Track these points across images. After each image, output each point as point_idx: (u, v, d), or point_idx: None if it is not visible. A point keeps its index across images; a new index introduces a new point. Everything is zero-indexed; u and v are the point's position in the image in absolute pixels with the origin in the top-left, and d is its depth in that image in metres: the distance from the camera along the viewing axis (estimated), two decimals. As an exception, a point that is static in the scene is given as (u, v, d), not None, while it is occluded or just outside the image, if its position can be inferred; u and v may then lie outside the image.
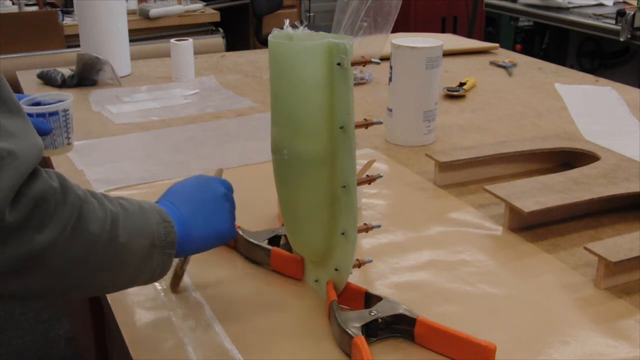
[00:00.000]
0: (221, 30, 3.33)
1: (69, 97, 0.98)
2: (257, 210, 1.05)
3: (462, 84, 1.71)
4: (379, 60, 0.79)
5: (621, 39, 2.78)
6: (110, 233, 0.63)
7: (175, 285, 0.84)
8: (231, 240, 0.86)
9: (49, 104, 0.97)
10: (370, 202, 1.09)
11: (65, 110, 0.96)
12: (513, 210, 0.99)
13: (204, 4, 3.64)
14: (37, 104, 0.96)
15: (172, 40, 1.77)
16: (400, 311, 0.76)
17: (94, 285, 0.66)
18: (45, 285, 0.60)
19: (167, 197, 0.76)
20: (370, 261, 0.87)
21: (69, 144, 0.98)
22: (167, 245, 0.70)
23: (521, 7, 3.35)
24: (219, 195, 0.79)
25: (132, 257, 0.66)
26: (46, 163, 1.17)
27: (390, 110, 1.34)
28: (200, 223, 0.76)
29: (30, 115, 0.94)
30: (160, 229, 0.69)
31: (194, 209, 0.76)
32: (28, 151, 0.57)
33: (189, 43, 1.76)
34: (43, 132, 0.96)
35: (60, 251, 0.59)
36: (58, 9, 3.18)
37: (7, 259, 0.55)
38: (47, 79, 1.69)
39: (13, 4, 3.12)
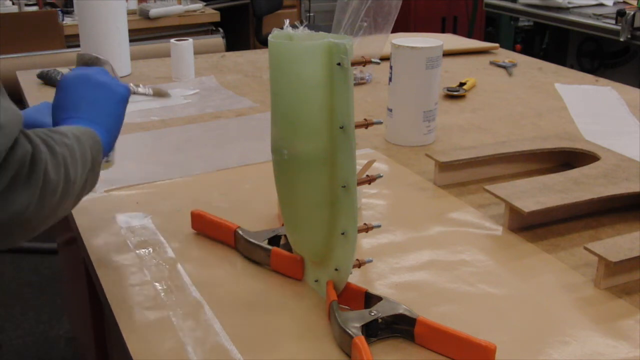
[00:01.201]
0: (221, 30, 3.34)
1: None
2: (257, 210, 1.05)
3: (462, 84, 1.71)
4: (379, 60, 0.79)
5: (621, 39, 2.78)
6: (65, 175, 0.70)
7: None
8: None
9: None
10: (370, 202, 1.09)
11: None
12: (513, 210, 0.99)
13: (204, 4, 3.64)
14: None
15: (172, 40, 1.77)
16: (400, 311, 0.76)
17: (55, 218, 0.72)
18: (23, 233, 0.67)
19: (77, 107, 0.82)
20: (370, 261, 0.87)
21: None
22: (97, 165, 0.79)
23: (521, 7, 3.35)
24: (119, 95, 0.86)
25: (77, 188, 0.74)
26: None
27: (390, 110, 1.34)
28: (114, 130, 0.85)
29: None
30: (94, 152, 0.77)
31: (109, 114, 0.84)
32: (12, 122, 0.62)
33: (189, 43, 1.76)
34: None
35: (33, 210, 0.65)
36: (58, 9, 3.18)
37: None
38: (47, 79, 1.69)
39: (13, 4, 3.12)
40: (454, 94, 1.65)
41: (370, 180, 0.82)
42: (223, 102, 1.60)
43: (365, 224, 0.81)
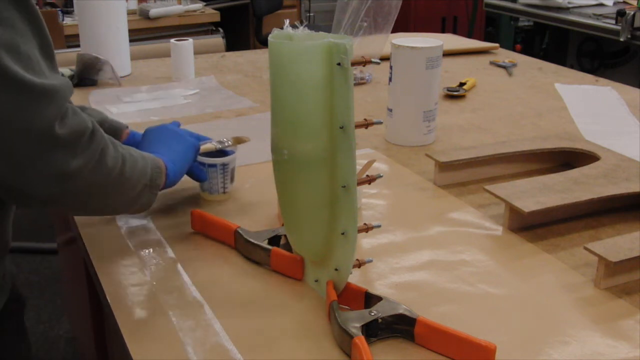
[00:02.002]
0: (221, 30, 3.33)
1: (233, 153, 1.09)
2: (257, 210, 1.05)
3: (462, 84, 1.71)
4: (379, 60, 0.79)
5: (621, 39, 2.78)
6: (120, 169, 0.82)
7: None
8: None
9: (226, 152, 1.09)
10: (370, 202, 1.09)
11: (224, 165, 1.07)
12: (513, 210, 0.99)
13: (204, 4, 3.64)
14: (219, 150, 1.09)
15: (172, 40, 1.77)
16: (400, 311, 0.76)
17: (102, 207, 0.86)
18: (72, 199, 0.78)
19: (154, 147, 0.98)
20: (370, 261, 0.87)
21: (224, 192, 1.09)
22: (155, 187, 0.91)
23: (521, 7, 3.35)
24: (190, 144, 1.02)
25: (132, 190, 0.86)
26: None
27: (390, 110, 1.34)
28: (179, 166, 0.99)
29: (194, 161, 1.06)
30: (154, 173, 0.90)
31: (178, 154, 1.00)
32: (65, 88, 0.74)
33: (189, 43, 1.76)
34: (199, 179, 1.08)
35: (86, 176, 0.76)
36: (58, 9, 3.18)
37: (52, 168, 0.72)
38: (47, 79, 1.69)
39: (13, 4, 3.11)
40: (454, 94, 1.65)
41: (370, 180, 0.82)
42: (223, 102, 1.60)
43: (365, 224, 0.81)
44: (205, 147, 1.07)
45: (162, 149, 0.98)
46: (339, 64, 0.72)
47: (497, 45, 2.19)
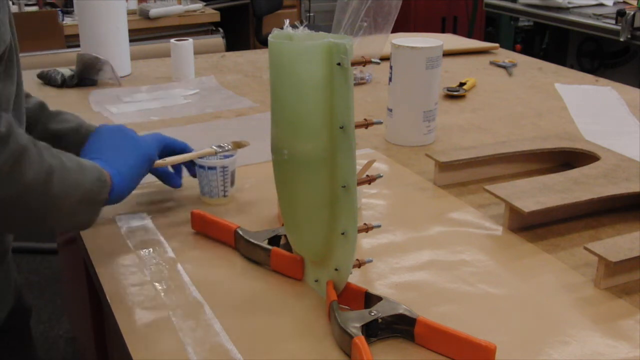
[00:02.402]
0: (221, 30, 3.34)
1: (232, 156, 1.08)
2: (257, 210, 1.05)
3: (462, 84, 1.71)
4: (379, 60, 0.79)
5: (621, 39, 2.78)
6: (45, 183, 0.71)
7: None
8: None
9: (225, 157, 1.08)
10: (370, 202, 1.09)
11: (223, 167, 1.06)
12: (513, 210, 0.99)
13: (204, 4, 3.65)
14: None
15: (172, 40, 1.77)
16: (400, 311, 0.76)
17: (22, 226, 0.77)
18: None
19: (101, 152, 0.88)
20: (370, 261, 0.87)
21: (224, 196, 1.08)
22: (96, 202, 0.81)
23: (521, 7, 3.35)
24: (144, 153, 0.93)
25: (63, 206, 0.76)
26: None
27: (390, 110, 1.34)
28: (128, 179, 0.89)
29: (194, 164, 1.06)
30: (94, 188, 0.80)
31: (129, 165, 0.89)
32: None
33: (189, 43, 1.76)
34: (172, 185, 1.05)
35: None
36: (58, 9, 3.18)
37: None
38: (47, 79, 1.69)
39: (13, 4, 3.12)
40: (454, 94, 1.65)
41: (370, 180, 0.82)
42: (223, 102, 1.60)
43: (365, 224, 0.81)
44: (204, 151, 1.06)
45: (109, 153, 0.88)
46: (339, 64, 0.72)
47: (497, 45, 2.19)
